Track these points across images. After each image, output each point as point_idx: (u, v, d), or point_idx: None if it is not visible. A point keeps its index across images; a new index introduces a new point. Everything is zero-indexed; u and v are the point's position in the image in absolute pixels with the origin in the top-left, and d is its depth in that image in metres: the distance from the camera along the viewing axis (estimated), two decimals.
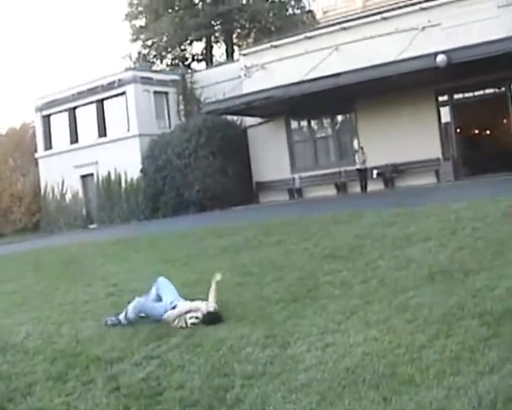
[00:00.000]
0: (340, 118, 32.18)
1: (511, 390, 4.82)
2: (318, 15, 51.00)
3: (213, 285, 9.23)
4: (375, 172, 28.30)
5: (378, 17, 29.14)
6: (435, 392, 5.07)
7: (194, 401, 5.81)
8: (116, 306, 10.24)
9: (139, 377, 6.69)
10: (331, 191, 29.17)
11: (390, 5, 30.76)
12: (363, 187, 27.42)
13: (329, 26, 32.19)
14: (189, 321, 8.59)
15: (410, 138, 27.40)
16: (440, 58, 23.09)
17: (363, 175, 27.46)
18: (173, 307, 8.88)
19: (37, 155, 40.71)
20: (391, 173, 28.25)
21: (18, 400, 6.53)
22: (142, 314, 9.23)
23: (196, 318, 8.60)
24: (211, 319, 8.56)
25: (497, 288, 7.87)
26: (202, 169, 30.86)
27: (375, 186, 27.85)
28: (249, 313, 8.70)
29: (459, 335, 6.35)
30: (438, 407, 4.78)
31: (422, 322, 7.02)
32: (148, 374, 6.76)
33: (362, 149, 27.98)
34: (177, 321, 8.65)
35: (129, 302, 9.41)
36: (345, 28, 30.19)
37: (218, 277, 9.35)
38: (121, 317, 9.27)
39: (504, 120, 29.44)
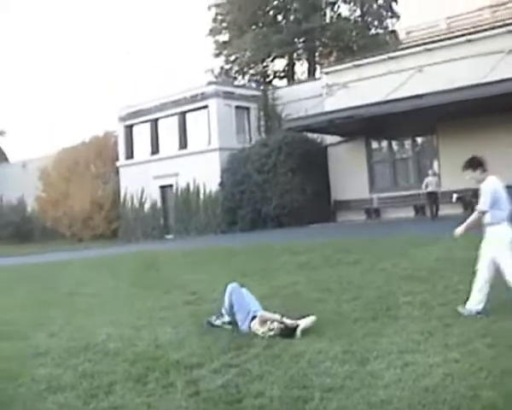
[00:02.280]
0: (420, 140, 31.91)
1: None
2: (401, 36, 50.75)
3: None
4: (454, 196, 27.88)
5: (463, 39, 28.87)
6: None
7: None
8: (194, 314, 10.41)
9: (218, 384, 6.76)
10: (409, 213, 28.90)
11: (475, 27, 30.43)
12: (435, 211, 26.78)
13: (412, 46, 32.01)
14: (272, 326, 8.67)
15: (492, 163, 26.80)
16: None
17: (433, 199, 26.90)
18: (254, 317, 8.99)
19: (118, 164, 41.57)
20: (471, 198, 27.78)
21: (100, 397, 6.69)
22: (228, 319, 9.39)
23: (279, 327, 8.66)
24: (289, 330, 8.64)
25: None
26: (281, 185, 31.00)
27: (454, 210, 27.45)
28: (327, 329, 8.71)
29: None
30: None
31: (504, 347, 6.94)
32: (228, 381, 6.83)
33: (434, 173, 27.44)
34: (261, 327, 8.74)
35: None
36: (428, 49, 29.99)
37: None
38: (217, 322, 9.55)
39: None
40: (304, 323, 8.66)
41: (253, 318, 9.04)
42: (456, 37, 29.84)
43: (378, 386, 6.19)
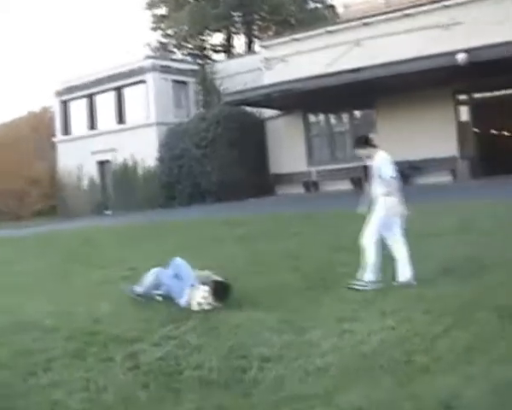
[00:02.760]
0: (358, 113, 32.17)
1: None
2: (340, 10, 50.93)
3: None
4: None
5: (400, 14, 29.05)
6: (450, 379, 5.15)
7: (212, 381, 5.90)
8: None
9: (158, 357, 6.79)
10: (347, 186, 29.16)
11: (412, 2, 30.61)
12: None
13: (351, 21, 32.12)
14: (202, 294, 8.77)
15: (427, 136, 27.34)
16: (461, 56, 23.02)
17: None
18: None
19: (55, 140, 40.93)
20: (407, 170, 28.19)
21: (39, 374, 6.62)
22: (160, 292, 9.38)
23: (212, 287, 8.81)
24: (221, 288, 8.85)
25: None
26: (219, 159, 30.93)
27: None
28: (266, 300, 8.80)
29: (473, 326, 6.44)
30: (452, 394, 4.85)
31: (438, 313, 7.11)
32: (167, 354, 6.86)
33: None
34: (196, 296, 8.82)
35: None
36: (366, 24, 30.12)
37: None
38: (139, 289, 9.60)
39: None
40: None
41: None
42: (394, 11, 29.96)
43: (315, 354, 6.28)
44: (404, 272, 9.01)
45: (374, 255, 9.06)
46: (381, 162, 9.27)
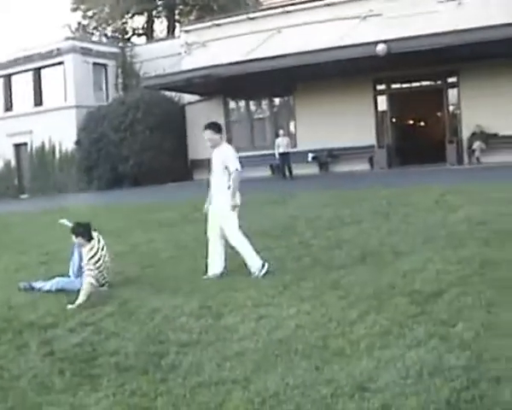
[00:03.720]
0: (278, 100, 32.35)
1: (437, 363, 5.03)
2: None
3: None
4: (310, 155, 28.55)
5: (321, 3, 29.27)
6: (365, 363, 5.25)
7: (129, 366, 5.87)
8: (49, 273, 10.18)
9: (74, 343, 6.71)
10: (266, 172, 29.31)
11: None
12: (288, 171, 26.83)
13: (272, 8, 32.21)
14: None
15: (346, 124, 27.70)
16: (380, 47, 23.38)
17: (285, 159, 27.16)
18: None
19: None
20: (326, 158, 28.55)
21: None
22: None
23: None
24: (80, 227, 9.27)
25: (426, 270, 8.14)
26: (138, 144, 30.67)
27: (309, 170, 28.11)
28: (183, 285, 8.79)
29: (389, 311, 6.56)
30: (367, 377, 4.94)
31: (354, 299, 7.22)
32: (83, 340, 6.79)
33: (284, 133, 27.66)
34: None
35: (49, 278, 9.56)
36: (288, 12, 30.26)
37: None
38: (36, 286, 9.45)
39: (438, 113, 30.05)
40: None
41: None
42: (315, 0, 30.19)
43: (233, 339, 6.32)
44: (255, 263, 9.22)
45: (247, 244, 9.25)
46: (229, 155, 9.33)
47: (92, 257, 8.85)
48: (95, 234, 9.26)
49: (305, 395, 4.78)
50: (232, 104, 32.79)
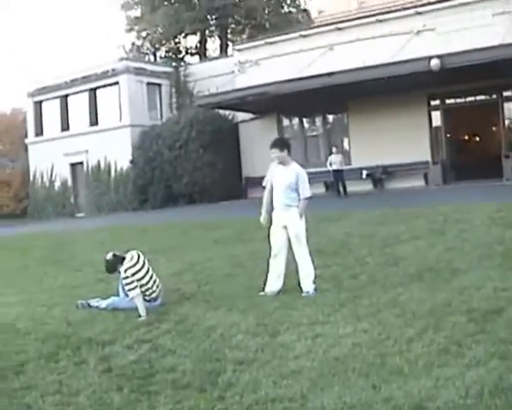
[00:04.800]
0: (331, 117, 32.31)
1: (497, 382, 4.95)
2: (313, 14, 51.08)
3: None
4: (364, 172, 28.44)
5: (373, 19, 29.25)
6: (423, 382, 5.18)
7: (186, 384, 5.88)
8: (106, 291, 10.29)
9: (131, 360, 6.77)
10: (320, 189, 29.25)
11: (385, 8, 30.83)
12: (342, 188, 26.76)
13: (324, 25, 32.28)
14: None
15: (400, 141, 27.52)
16: (434, 62, 23.21)
17: (339, 176, 26.95)
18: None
19: (27, 141, 40.62)
20: (380, 175, 28.39)
21: (10, 377, 6.56)
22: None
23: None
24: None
25: (484, 288, 8.02)
26: (192, 162, 30.90)
27: (363, 187, 27.98)
28: (239, 303, 8.80)
29: (447, 329, 6.48)
30: (426, 396, 4.88)
31: (411, 317, 7.15)
32: (140, 357, 6.84)
33: (338, 151, 27.58)
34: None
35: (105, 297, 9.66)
36: (339, 28, 30.30)
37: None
38: (93, 304, 9.56)
39: (494, 128, 29.71)
40: None
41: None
42: (367, 17, 30.17)
43: (289, 357, 6.30)
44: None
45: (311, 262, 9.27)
46: (302, 179, 9.33)
47: (133, 274, 8.97)
48: (133, 252, 9.35)
49: None
50: (286, 121, 32.84)
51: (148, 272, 9.20)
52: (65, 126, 38.46)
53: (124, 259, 9.18)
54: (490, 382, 4.97)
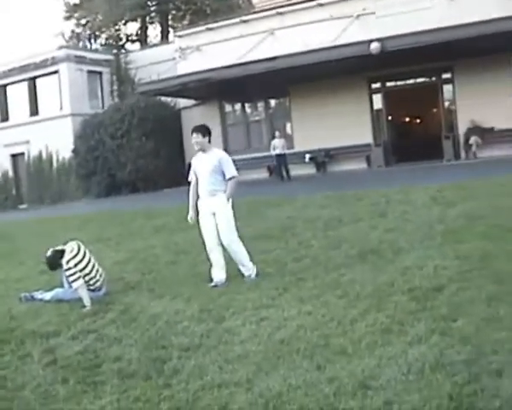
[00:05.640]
0: (273, 102, 32.39)
1: (438, 358, 5.05)
2: (254, 0, 51.06)
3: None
4: (307, 156, 28.59)
5: (314, 3, 29.29)
6: (367, 361, 5.26)
7: (132, 373, 5.86)
8: (49, 283, 10.16)
9: (76, 351, 6.71)
10: (264, 174, 29.37)
11: None
12: (286, 173, 26.86)
13: (265, 10, 32.25)
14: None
15: (342, 124, 27.74)
16: (374, 46, 23.42)
17: (282, 160, 27.05)
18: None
19: None
20: (323, 158, 28.58)
21: None
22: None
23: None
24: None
25: (425, 266, 8.14)
26: (135, 150, 30.72)
27: (307, 170, 28.15)
28: (184, 290, 8.80)
29: (389, 309, 6.57)
30: (369, 375, 4.95)
31: (354, 298, 7.24)
32: (86, 347, 6.79)
33: (280, 135, 27.62)
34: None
35: (49, 289, 9.57)
36: (280, 13, 30.30)
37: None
38: (37, 296, 9.46)
39: (434, 109, 30.12)
40: None
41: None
42: (308, 1, 30.22)
43: (235, 342, 6.32)
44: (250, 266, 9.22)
45: (242, 245, 9.23)
46: (225, 160, 9.22)
47: (75, 265, 8.90)
48: (73, 243, 9.26)
49: (308, 395, 4.79)
50: (228, 107, 32.83)
51: (89, 261, 9.13)
52: (4, 117, 37.89)
53: (63, 252, 9.08)
54: (431, 358, 5.07)
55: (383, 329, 6.02)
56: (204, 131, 9.34)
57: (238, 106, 32.94)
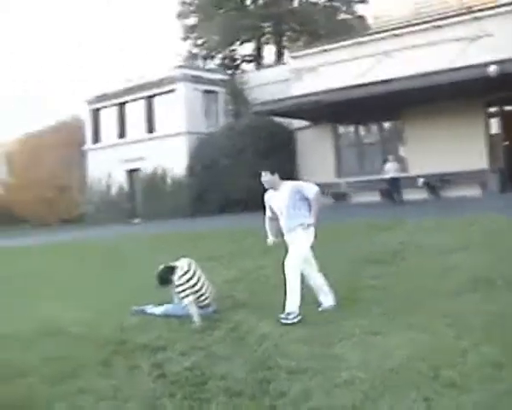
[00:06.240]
0: (387, 124, 32.08)
1: None
2: (370, 21, 50.79)
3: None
4: (420, 180, 28.17)
5: (430, 25, 28.97)
6: (477, 396, 5.13)
7: (238, 391, 5.91)
8: (160, 298, 10.34)
9: (184, 366, 6.82)
10: (376, 197, 29.09)
11: (442, 14, 30.49)
12: (398, 197, 26.52)
13: (380, 32, 32.08)
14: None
15: (457, 148, 27.20)
16: (492, 68, 22.89)
17: (395, 184, 26.85)
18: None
19: (85, 148, 41.30)
20: (436, 182, 28.08)
21: (66, 381, 6.71)
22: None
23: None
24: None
25: None
26: (248, 169, 30.95)
27: (419, 195, 27.71)
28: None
29: (502, 342, 6.38)
30: None
31: (464, 328, 7.06)
32: (193, 364, 6.89)
33: (394, 158, 27.33)
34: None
35: (159, 304, 9.79)
36: (396, 35, 30.08)
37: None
38: (148, 310, 9.73)
39: None
40: None
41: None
42: (424, 23, 29.86)
43: (341, 368, 6.26)
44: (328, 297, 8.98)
45: (297, 281, 8.63)
46: (298, 185, 9.11)
47: (186, 282, 9.05)
48: (184, 260, 9.41)
49: None
50: (341, 129, 32.73)
51: (199, 279, 9.26)
52: (122, 134, 39.00)
53: (175, 268, 9.25)
54: None
55: (495, 363, 5.84)
56: (272, 170, 9.27)
57: (351, 128, 32.79)
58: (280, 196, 9.04)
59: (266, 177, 9.17)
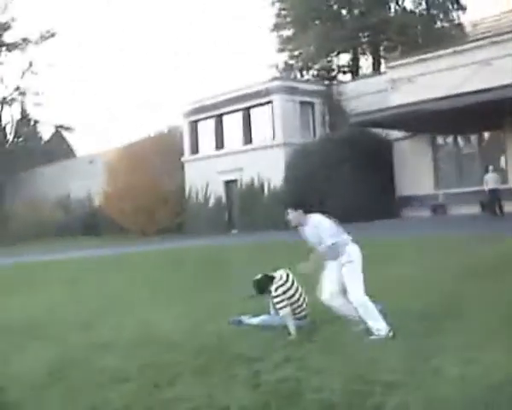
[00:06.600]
0: (487, 134, 31.41)
1: None
2: (467, 29, 49.86)
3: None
4: None
5: None
6: None
7: (333, 405, 5.87)
8: (257, 309, 10.35)
9: (279, 377, 6.81)
10: (475, 209, 28.46)
11: None
12: (499, 209, 25.95)
13: (479, 40, 31.46)
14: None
15: None
16: None
17: (495, 195, 26.25)
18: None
19: (183, 159, 41.98)
20: None
21: (164, 388, 6.83)
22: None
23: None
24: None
25: None
26: (345, 180, 30.86)
27: None
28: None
29: None
30: None
31: None
32: (288, 375, 6.86)
33: (494, 169, 26.71)
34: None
35: (256, 315, 9.82)
36: (495, 42, 29.42)
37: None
38: (244, 321, 9.78)
39: None
40: None
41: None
42: None
43: (440, 383, 6.14)
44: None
45: (371, 304, 8.36)
46: (319, 227, 8.80)
47: (283, 293, 9.04)
48: (282, 270, 9.40)
49: None
50: (440, 139, 32.24)
51: (297, 290, 9.26)
52: (219, 145, 39.44)
53: (273, 278, 9.27)
54: None
55: None
56: (294, 205, 8.92)
57: (450, 138, 32.24)
58: (308, 233, 8.81)
59: (290, 215, 8.81)
